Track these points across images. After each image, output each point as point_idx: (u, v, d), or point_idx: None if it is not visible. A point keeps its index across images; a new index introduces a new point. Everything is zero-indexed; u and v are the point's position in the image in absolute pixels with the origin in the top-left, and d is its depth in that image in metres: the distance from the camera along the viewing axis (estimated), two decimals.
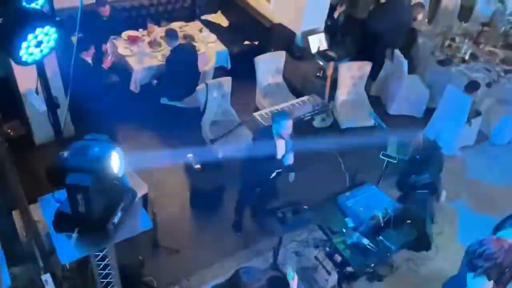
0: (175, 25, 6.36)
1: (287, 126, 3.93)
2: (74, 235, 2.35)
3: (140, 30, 6.12)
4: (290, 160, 4.11)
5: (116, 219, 2.46)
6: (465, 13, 7.59)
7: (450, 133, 5.79)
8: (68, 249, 2.41)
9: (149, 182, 4.56)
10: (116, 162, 2.33)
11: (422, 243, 4.61)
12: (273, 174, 4.39)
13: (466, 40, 6.71)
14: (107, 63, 5.46)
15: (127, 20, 6.32)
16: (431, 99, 6.37)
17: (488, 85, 6.11)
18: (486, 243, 2.38)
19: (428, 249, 4.69)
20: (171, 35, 5.43)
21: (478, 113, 5.93)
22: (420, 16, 6.41)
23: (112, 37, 5.99)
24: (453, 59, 6.49)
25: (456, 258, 4.55)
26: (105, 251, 2.66)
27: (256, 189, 4.65)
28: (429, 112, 6.25)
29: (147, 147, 5.48)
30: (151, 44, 5.96)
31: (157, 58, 5.83)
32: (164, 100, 5.71)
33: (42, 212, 2.76)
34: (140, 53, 5.79)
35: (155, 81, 5.64)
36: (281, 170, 4.33)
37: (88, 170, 2.23)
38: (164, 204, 4.92)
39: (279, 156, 4.13)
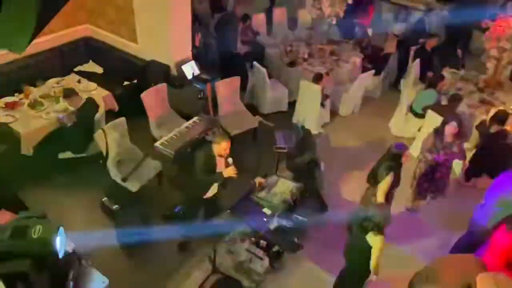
0: (52, 81, 5.58)
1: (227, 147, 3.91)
2: None
3: (16, 94, 5.19)
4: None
5: None
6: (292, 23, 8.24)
7: (312, 116, 6.23)
8: None
9: (73, 239, 3.91)
10: (59, 242, 1.90)
11: (322, 207, 4.88)
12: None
13: (301, 44, 7.26)
14: None
15: None
16: (290, 94, 6.75)
17: (327, 73, 6.71)
18: None
19: (327, 210, 4.97)
20: (71, 94, 4.81)
21: (327, 96, 6.48)
22: None
23: None
24: (297, 60, 6.97)
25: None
26: None
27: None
28: (291, 104, 6.62)
29: (60, 205, 4.69)
30: (32, 105, 5.10)
31: (42, 117, 5.03)
32: (62, 155, 4.96)
33: None
34: (23, 116, 4.92)
35: None
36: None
37: (29, 254, 1.77)
38: (95, 255, 4.25)
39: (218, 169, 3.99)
